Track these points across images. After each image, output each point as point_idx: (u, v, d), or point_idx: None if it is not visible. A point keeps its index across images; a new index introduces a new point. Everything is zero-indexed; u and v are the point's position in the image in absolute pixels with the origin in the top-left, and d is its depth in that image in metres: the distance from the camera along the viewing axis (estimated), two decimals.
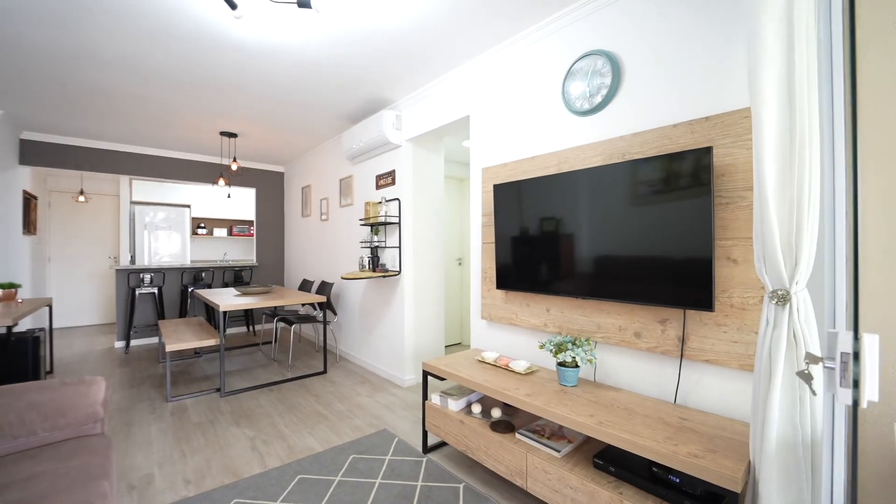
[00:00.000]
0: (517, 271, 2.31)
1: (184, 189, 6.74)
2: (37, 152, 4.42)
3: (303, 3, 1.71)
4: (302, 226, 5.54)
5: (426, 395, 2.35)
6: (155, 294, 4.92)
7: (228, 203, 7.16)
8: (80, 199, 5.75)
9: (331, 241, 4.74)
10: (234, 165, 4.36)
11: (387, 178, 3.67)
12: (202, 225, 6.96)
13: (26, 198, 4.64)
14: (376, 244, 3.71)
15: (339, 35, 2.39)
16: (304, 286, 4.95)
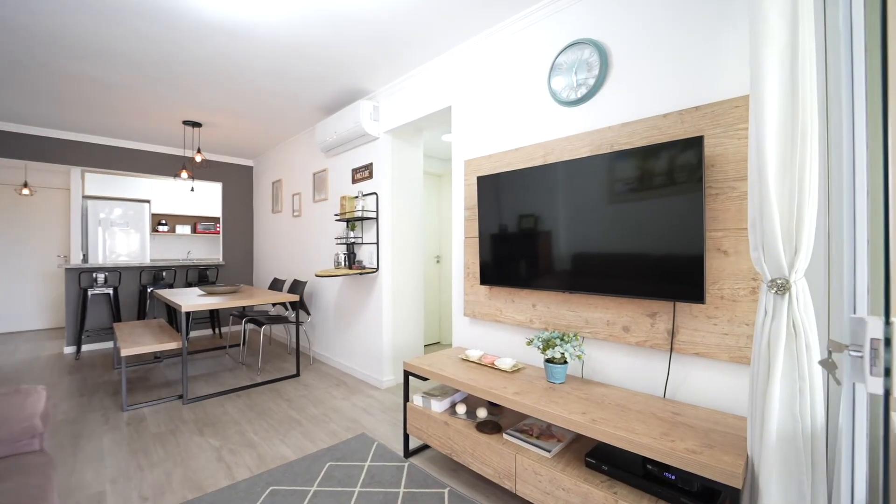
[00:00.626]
0: (502, 266, 2.24)
1: (143, 183, 6.31)
2: None
3: None
4: (273, 222, 5.29)
5: (407, 396, 2.24)
6: (110, 295, 4.56)
7: (192, 198, 6.77)
8: (25, 192, 5.27)
9: (304, 237, 4.54)
10: (197, 157, 4.09)
11: (364, 172, 3.53)
12: (163, 222, 6.55)
13: None
14: (353, 240, 3.56)
15: (315, 17, 2.24)
16: (276, 285, 4.73)
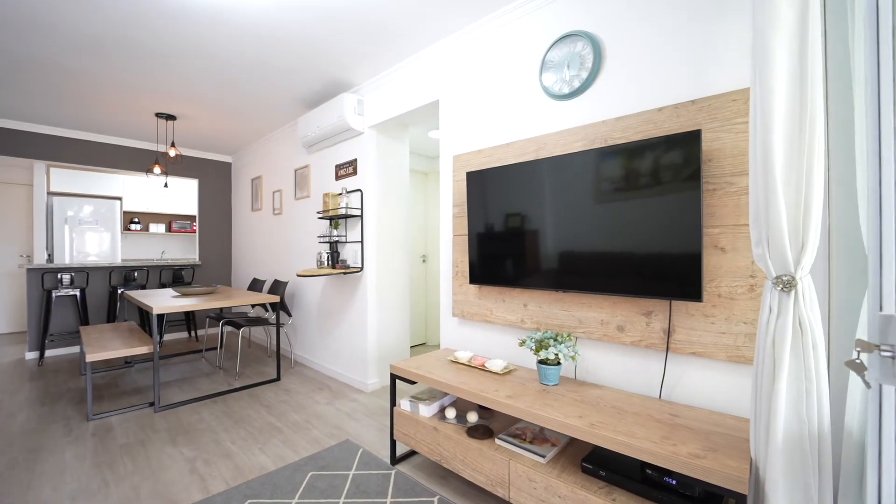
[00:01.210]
0: (492, 264, 2.17)
1: (113, 179, 6.01)
2: None
3: None
4: (252, 221, 5.10)
5: (394, 401, 2.15)
6: (77, 297, 4.31)
7: (167, 196, 6.49)
8: None
9: (285, 236, 4.38)
10: (171, 151, 3.89)
11: (348, 168, 3.41)
12: (136, 220, 6.26)
13: None
14: (336, 239, 3.44)
15: (298, 4, 2.13)
16: (255, 286, 4.55)
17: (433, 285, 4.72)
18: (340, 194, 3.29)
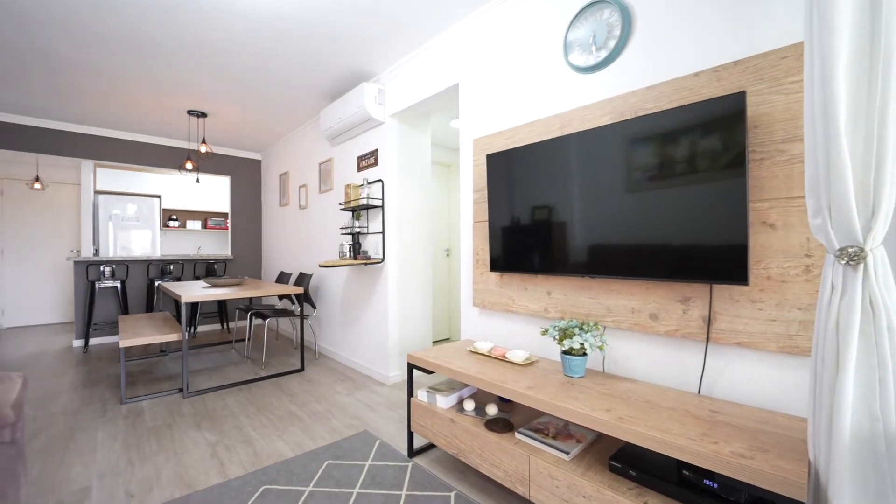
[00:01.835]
0: (514, 251, 2.06)
1: (152, 178, 6.31)
2: None
3: None
4: (280, 216, 5.20)
5: (412, 391, 2.08)
6: (117, 288, 4.53)
7: (202, 194, 6.74)
8: (36, 185, 5.30)
9: (309, 229, 4.42)
10: (203, 147, 4.01)
11: (369, 159, 3.39)
12: (174, 217, 6.54)
13: None
14: (358, 230, 3.42)
15: None
16: (282, 279, 4.62)
17: (457, 280, 4.63)
18: (362, 185, 3.27)
